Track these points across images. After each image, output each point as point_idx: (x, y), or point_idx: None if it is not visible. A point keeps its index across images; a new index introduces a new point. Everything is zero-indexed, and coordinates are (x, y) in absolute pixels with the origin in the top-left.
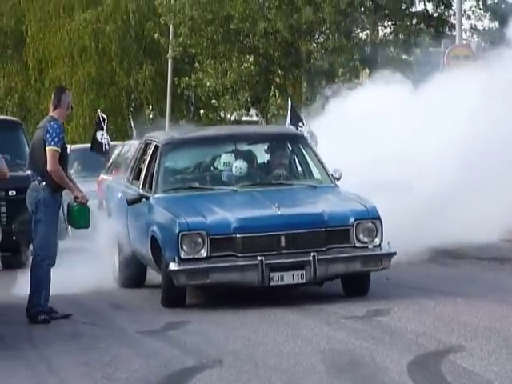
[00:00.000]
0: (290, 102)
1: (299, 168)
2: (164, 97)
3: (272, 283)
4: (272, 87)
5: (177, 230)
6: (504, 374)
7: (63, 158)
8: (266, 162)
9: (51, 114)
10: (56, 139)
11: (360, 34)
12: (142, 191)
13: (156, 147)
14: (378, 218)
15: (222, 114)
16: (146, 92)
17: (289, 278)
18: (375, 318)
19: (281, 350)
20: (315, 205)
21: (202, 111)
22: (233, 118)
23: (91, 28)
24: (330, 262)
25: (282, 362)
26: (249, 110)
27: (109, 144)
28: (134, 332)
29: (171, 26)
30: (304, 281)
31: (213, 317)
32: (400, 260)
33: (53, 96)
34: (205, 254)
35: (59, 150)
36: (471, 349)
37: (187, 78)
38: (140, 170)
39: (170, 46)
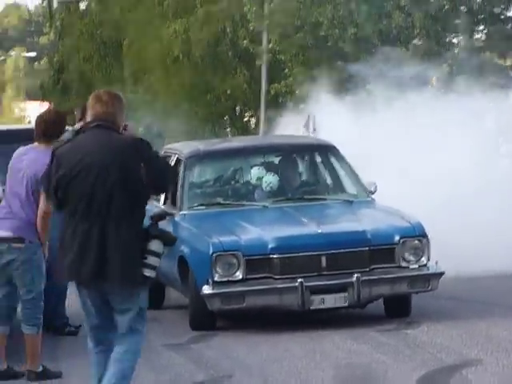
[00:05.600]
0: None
1: (331, 181)
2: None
3: (312, 307)
4: None
5: (210, 251)
6: None
7: None
8: (295, 174)
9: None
10: None
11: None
12: (165, 208)
13: (178, 160)
14: (425, 236)
15: None
16: (243, 99)
17: (330, 301)
18: (404, 331)
19: (296, 365)
20: (356, 222)
21: None
22: None
23: (181, 38)
24: (375, 284)
25: (292, 377)
26: None
27: None
28: (158, 345)
29: (264, 33)
30: (346, 304)
31: (240, 331)
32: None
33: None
34: (240, 276)
35: None
36: (488, 363)
37: (277, 85)
38: None
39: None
